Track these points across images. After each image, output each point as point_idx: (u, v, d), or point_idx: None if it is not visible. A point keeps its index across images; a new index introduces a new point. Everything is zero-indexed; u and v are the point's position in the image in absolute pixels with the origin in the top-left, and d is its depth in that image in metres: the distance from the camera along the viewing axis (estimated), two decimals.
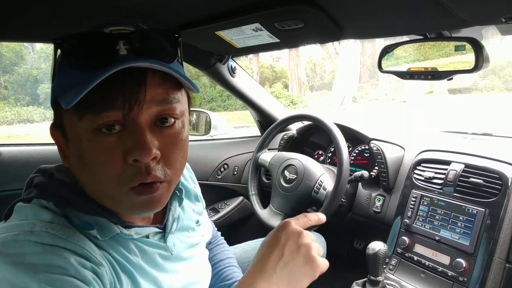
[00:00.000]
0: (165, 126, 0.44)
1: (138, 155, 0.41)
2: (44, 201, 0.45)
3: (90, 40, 0.41)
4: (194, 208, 0.66)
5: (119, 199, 0.44)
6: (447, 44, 0.77)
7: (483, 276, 0.84)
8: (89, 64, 0.41)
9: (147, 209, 0.46)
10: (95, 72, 0.39)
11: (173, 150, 0.45)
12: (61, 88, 0.43)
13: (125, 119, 0.41)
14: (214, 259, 0.79)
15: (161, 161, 0.44)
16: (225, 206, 1.54)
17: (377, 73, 14.45)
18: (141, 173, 0.42)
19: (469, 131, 1.33)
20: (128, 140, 0.42)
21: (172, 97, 0.44)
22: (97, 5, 0.70)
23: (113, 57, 0.41)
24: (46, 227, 0.42)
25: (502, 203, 0.86)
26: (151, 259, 0.51)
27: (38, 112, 9.30)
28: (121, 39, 0.41)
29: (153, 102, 0.42)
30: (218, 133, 1.61)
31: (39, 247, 0.39)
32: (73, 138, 0.44)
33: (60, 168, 0.50)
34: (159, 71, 0.43)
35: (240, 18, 0.76)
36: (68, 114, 0.43)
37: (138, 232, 0.50)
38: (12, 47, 10.52)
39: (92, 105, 0.40)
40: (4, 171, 1.07)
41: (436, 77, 0.80)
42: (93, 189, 0.46)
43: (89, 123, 0.41)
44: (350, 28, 0.79)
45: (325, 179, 1.14)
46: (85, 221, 0.45)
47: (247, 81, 1.42)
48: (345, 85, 13.01)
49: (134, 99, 0.41)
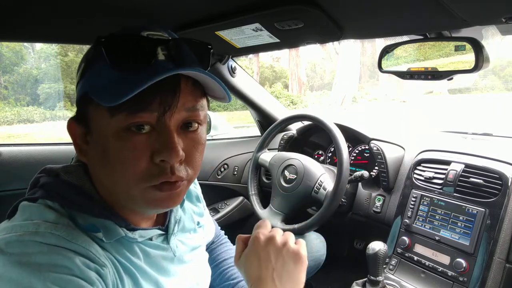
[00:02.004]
0: (189, 130, 0.47)
1: (167, 156, 0.43)
2: (49, 201, 0.46)
3: (134, 42, 0.44)
4: (195, 209, 0.67)
5: (136, 194, 0.45)
6: (447, 44, 0.77)
7: (483, 276, 0.84)
8: (130, 64, 0.43)
9: (166, 205, 0.48)
10: (135, 73, 0.42)
11: (195, 152, 0.48)
12: (95, 85, 0.44)
13: (157, 122, 0.43)
14: (217, 258, 0.79)
15: (183, 162, 0.46)
16: (225, 206, 1.54)
17: (377, 73, 14.45)
18: (166, 172, 0.44)
19: (469, 131, 1.33)
20: (157, 141, 0.44)
21: (200, 104, 0.47)
22: (97, 5, 0.70)
23: (150, 61, 0.43)
24: (50, 228, 0.42)
25: (502, 203, 0.86)
26: (154, 262, 0.52)
27: (38, 112, 9.30)
28: (160, 45, 0.44)
29: (183, 108, 0.45)
30: (218, 133, 1.61)
31: (44, 247, 0.40)
32: (99, 134, 0.45)
33: (67, 169, 0.50)
34: (191, 78, 0.45)
35: (240, 18, 0.76)
36: (98, 110, 0.44)
37: (142, 235, 0.51)
38: (12, 47, 10.51)
39: (129, 105, 0.41)
40: (4, 171, 1.07)
41: (436, 77, 0.80)
42: (108, 185, 0.47)
43: (121, 121, 0.42)
44: (350, 28, 0.79)
45: (325, 179, 1.14)
46: (92, 223, 0.46)
47: (247, 81, 1.42)
48: (345, 85, 13.02)
49: (169, 103, 0.43)
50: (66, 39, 1.06)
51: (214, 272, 0.76)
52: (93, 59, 0.46)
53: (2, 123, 8.68)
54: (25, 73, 10.84)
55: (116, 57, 0.43)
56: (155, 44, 0.44)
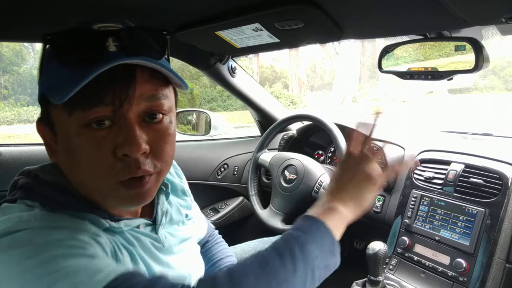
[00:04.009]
0: (153, 122, 0.46)
1: (128, 150, 0.42)
2: (29, 201, 0.45)
3: (80, 36, 0.42)
4: (181, 203, 0.67)
5: (107, 192, 0.45)
6: (447, 44, 0.77)
7: (483, 276, 0.84)
8: (78, 60, 0.41)
9: (136, 202, 0.47)
10: (85, 68, 0.40)
11: (162, 144, 0.47)
12: (49, 84, 0.44)
13: (114, 115, 0.42)
14: (213, 258, 0.79)
15: (150, 155, 0.45)
16: (225, 206, 1.54)
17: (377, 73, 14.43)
18: (131, 167, 0.43)
19: (469, 131, 1.33)
20: (118, 135, 0.43)
21: (161, 93, 0.45)
22: (97, 5, 0.70)
23: (102, 54, 0.41)
24: (34, 215, 0.42)
25: (502, 203, 0.86)
26: (147, 247, 0.52)
27: (38, 112, 9.27)
28: (110, 36, 0.42)
29: (142, 98, 0.43)
30: (218, 133, 1.61)
31: (35, 231, 0.40)
32: (62, 133, 0.44)
33: (44, 168, 0.50)
34: (148, 68, 0.44)
35: (240, 18, 0.76)
36: (57, 109, 0.43)
37: (128, 224, 0.51)
38: (12, 47, 10.51)
39: (82, 101, 0.40)
40: (4, 171, 1.06)
41: (436, 77, 0.80)
42: (80, 183, 0.47)
43: (79, 118, 0.42)
44: (350, 28, 0.79)
45: (325, 179, 1.14)
46: (75, 217, 0.46)
47: (247, 81, 1.42)
48: (345, 85, 13.01)
49: (124, 95, 0.42)
50: None
51: (210, 272, 0.76)
52: (48, 59, 0.45)
53: (2, 123, 8.67)
54: (25, 73, 10.84)
55: (65, 53, 0.42)
56: (105, 35, 0.42)
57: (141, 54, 0.43)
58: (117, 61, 0.40)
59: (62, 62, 0.42)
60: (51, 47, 0.43)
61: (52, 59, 0.44)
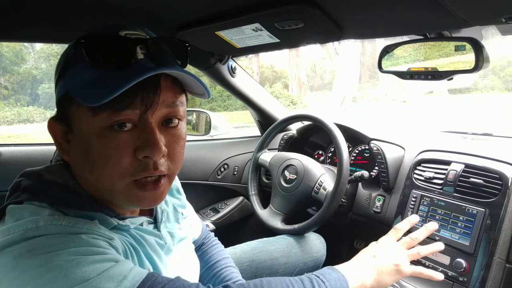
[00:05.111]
0: (169, 126, 0.48)
1: (149, 152, 0.45)
2: (36, 202, 0.45)
3: (113, 42, 0.45)
4: (176, 202, 0.69)
5: (120, 191, 0.46)
6: (447, 44, 0.77)
7: (483, 276, 0.84)
8: (111, 65, 0.44)
9: (148, 203, 0.49)
10: (117, 72, 0.43)
11: (176, 147, 0.49)
12: (76, 84, 0.45)
13: (139, 119, 0.45)
14: (210, 260, 0.79)
15: (165, 157, 0.48)
16: (225, 206, 1.54)
17: (377, 73, 14.44)
18: (149, 168, 0.46)
19: (469, 131, 1.33)
20: (139, 138, 0.45)
21: (179, 100, 0.49)
22: (97, 5, 0.70)
23: (131, 60, 0.44)
24: (50, 220, 0.43)
25: (502, 203, 0.86)
26: (152, 245, 0.53)
27: (38, 112, 9.30)
28: (139, 44, 0.45)
29: (164, 104, 0.46)
30: (218, 133, 1.61)
31: (50, 239, 0.41)
32: (81, 132, 0.45)
33: (49, 169, 0.50)
34: (170, 76, 0.47)
35: (240, 18, 0.76)
36: (79, 109, 0.44)
37: (133, 222, 0.53)
38: (12, 47, 10.51)
39: (112, 103, 0.41)
40: (4, 171, 1.07)
41: (436, 77, 0.80)
42: (92, 181, 0.48)
43: (104, 120, 0.43)
44: (350, 28, 0.79)
45: (325, 179, 1.14)
46: (84, 216, 0.47)
47: (247, 81, 1.42)
48: (345, 85, 13.03)
49: (150, 101, 0.44)
50: (66, 40, 1.06)
51: (207, 274, 0.76)
52: (73, 59, 0.46)
53: (2, 123, 8.68)
54: (25, 73, 10.84)
55: (97, 57, 0.44)
56: (134, 43, 0.45)
57: (166, 63, 0.46)
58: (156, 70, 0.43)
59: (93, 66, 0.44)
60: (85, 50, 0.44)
61: (79, 61, 0.45)
